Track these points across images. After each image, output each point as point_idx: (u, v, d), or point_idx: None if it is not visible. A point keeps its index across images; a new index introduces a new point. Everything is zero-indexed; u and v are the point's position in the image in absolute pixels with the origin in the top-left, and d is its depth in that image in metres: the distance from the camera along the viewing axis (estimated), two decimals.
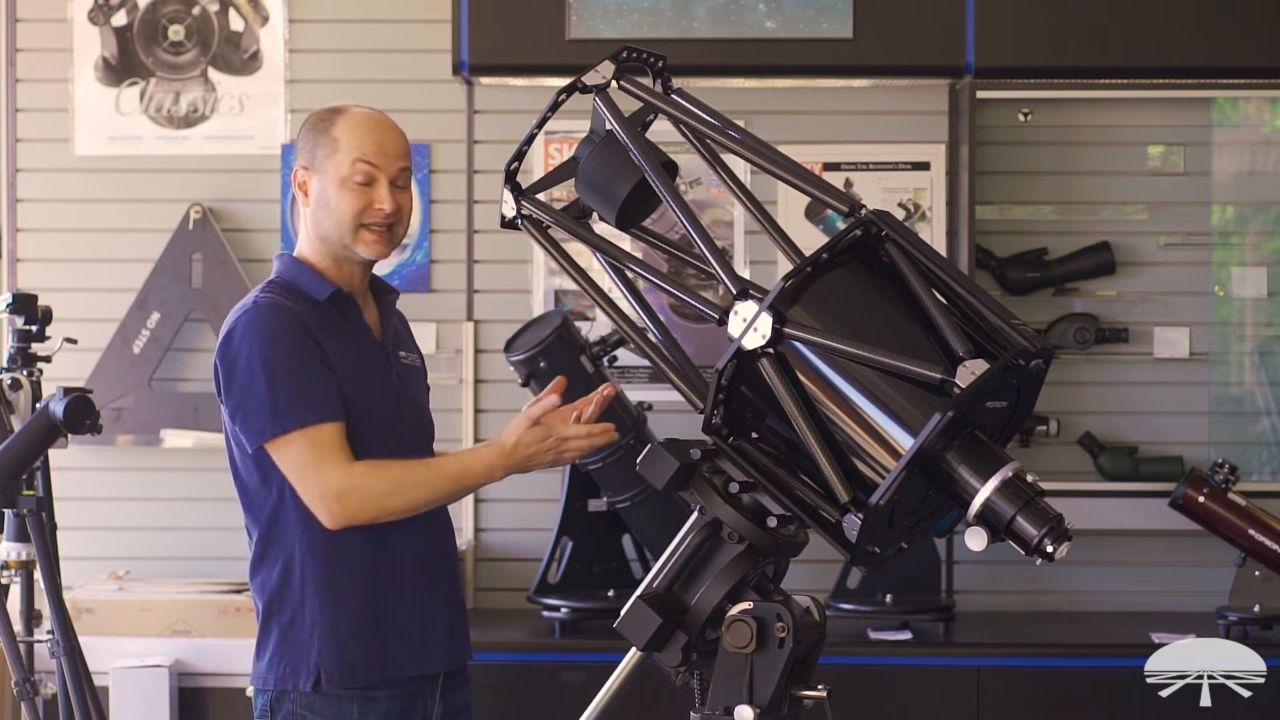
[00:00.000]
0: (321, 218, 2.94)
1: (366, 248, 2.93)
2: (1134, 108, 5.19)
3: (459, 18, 4.87)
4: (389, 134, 2.95)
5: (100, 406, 4.04)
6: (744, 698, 2.32)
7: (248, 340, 2.84)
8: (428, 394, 3.16)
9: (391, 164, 2.93)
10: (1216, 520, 4.71)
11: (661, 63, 2.64)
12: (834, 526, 2.26)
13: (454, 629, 3.05)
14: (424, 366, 3.15)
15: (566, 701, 4.21)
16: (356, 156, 2.90)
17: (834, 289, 2.29)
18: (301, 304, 2.91)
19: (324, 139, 2.93)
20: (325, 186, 2.92)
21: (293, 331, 2.84)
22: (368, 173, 2.90)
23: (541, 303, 5.16)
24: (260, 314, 2.85)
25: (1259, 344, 5.22)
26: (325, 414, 2.83)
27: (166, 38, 5.25)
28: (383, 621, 2.94)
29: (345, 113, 2.96)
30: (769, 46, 4.90)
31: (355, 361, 2.92)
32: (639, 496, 4.62)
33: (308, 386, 2.83)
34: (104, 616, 4.73)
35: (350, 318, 2.96)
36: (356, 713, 2.92)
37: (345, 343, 2.93)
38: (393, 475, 2.85)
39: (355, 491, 2.83)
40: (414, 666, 2.96)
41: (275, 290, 2.93)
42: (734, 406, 2.33)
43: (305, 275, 2.95)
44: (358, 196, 2.91)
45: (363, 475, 2.84)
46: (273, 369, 2.83)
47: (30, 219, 5.25)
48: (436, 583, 3.01)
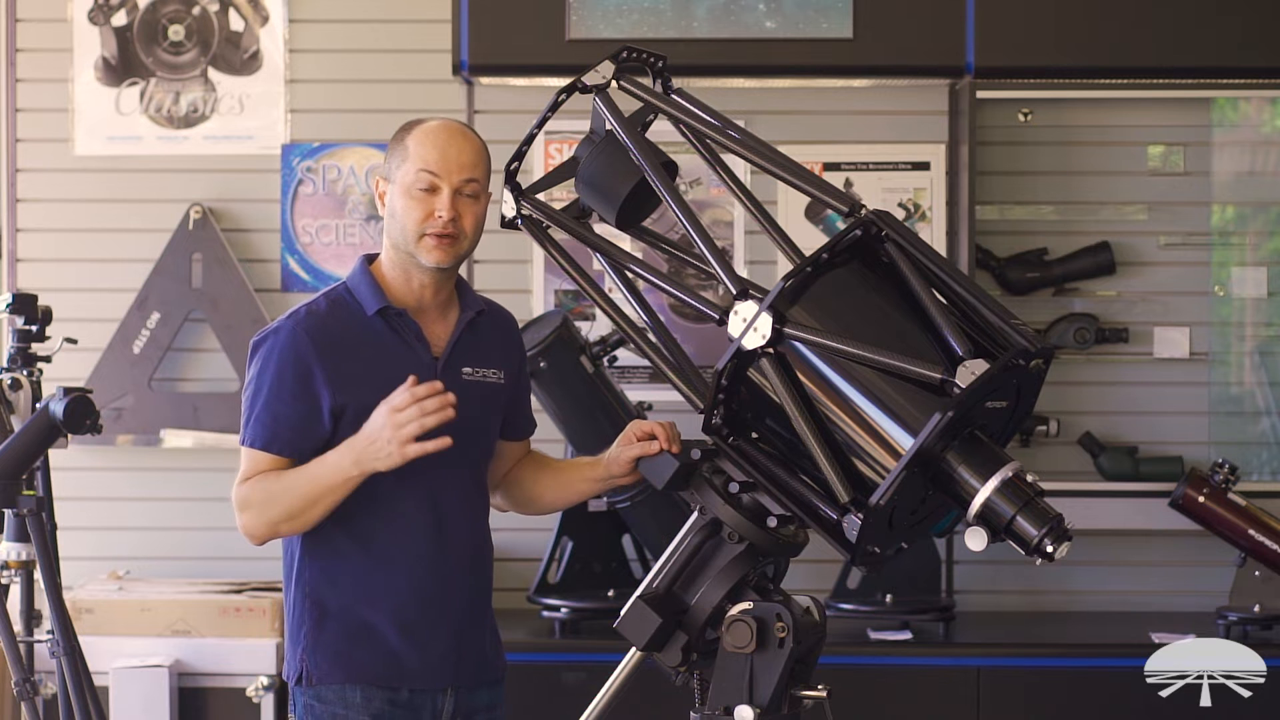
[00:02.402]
0: (391, 226, 2.99)
1: (428, 254, 2.95)
2: (1134, 108, 5.19)
3: (459, 18, 4.86)
4: (454, 143, 2.96)
5: (100, 406, 4.04)
6: (744, 698, 2.32)
7: (266, 346, 2.97)
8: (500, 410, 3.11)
9: (454, 173, 2.93)
10: (1216, 520, 4.71)
11: (661, 63, 2.64)
12: (834, 526, 2.27)
13: (461, 648, 3.03)
14: (506, 382, 3.10)
15: (566, 701, 4.21)
16: (420, 166, 2.93)
17: (834, 289, 2.29)
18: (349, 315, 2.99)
19: (399, 149, 2.98)
20: (394, 195, 2.97)
21: (295, 360, 2.94)
22: (431, 181, 2.93)
23: (541, 303, 5.16)
24: (280, 338, 2.96)
25: (1259, 344, 5.22)
26: (270, 444, 2.94)
27: (166, 38, 5.25)
28: (369, 634, 2.97)
29: (421, 124, 3.00)
30: (769, 46, 4.90)
31: (388, 377, 2.92)
32: (639, 496, 4.62)
33: (274, 416, 2.94)
34: (104, 616, 4.73)
35: (400, 332, 2.98)
36: (360, 698, 2.96)
37: (381, 358, 2.96)
38: (268, 486, 2.92)
39: (245, 506, 2.94)
40: (401, 680, 2.98)
41: (330, 298, 3.02)
42: (734, 406, 2.33)
43: (364, 286, 3.01)
44: (420, 204, 2.94)
45: (249, 489, 2.94)
46: (260, 385, 2.96)
47: (30, 219, 5.25)
48: (436, 604, 3.00)
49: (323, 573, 2.98)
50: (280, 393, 2.93)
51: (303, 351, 2.93)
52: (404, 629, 2.97)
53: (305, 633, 2.98)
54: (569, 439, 4.71)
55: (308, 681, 2.98)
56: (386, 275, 3.01)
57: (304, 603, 2.99)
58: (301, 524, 2.93)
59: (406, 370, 2.93)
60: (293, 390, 2.93)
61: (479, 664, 3.08)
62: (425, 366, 2.98)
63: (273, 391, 2.94)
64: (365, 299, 2.99)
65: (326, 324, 2.96)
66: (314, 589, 2.98)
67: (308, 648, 2.98)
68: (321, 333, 2.95)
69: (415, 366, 2.96)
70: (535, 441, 3.27)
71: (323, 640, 2.98)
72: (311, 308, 3.00)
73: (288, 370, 2.93)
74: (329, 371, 2.93)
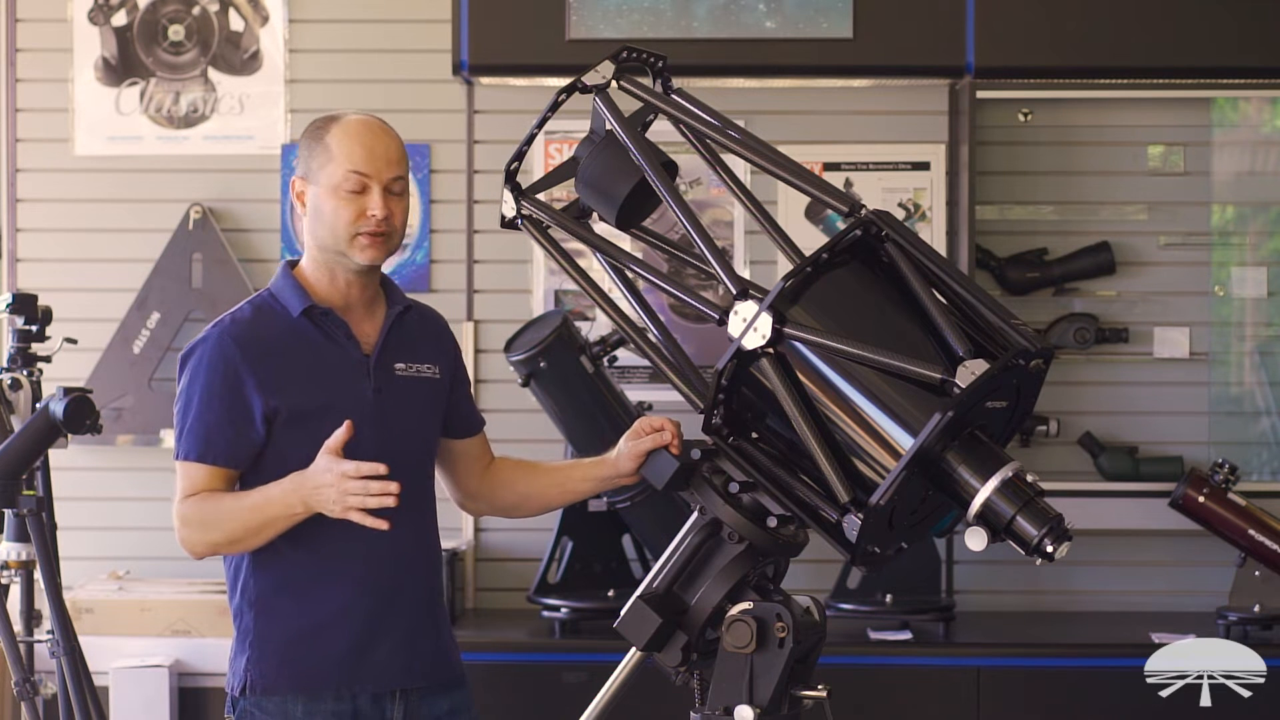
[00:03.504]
0: (317, 227, 2.97)
1: (362, 253, 2.94)
2: (1134, 108, 5.19)
3: (459, 18, 4.87)
4: (380, 141, 2.95)
5: (100, 406, 4.04)
6: (744, 698, 2.32)
7: (188, 368, 2.96)
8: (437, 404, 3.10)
9: (383, 171, 2.93)
10: (1216, 520, 4.71)
11: (661, 63, 2.64)
12: (834, 526, 2.27)
13: (411, 648, 3.00)
14: (442, 377, 3.10)
15: (566, 701, 4.21)
16: (348, 167, 2.92)
17: (834, 289, 2.29)
18: (274, 320, 2.97)
19: (318, 148, 2.96)
20: (320, 196, 2.94)
21: (223, 370, 2.92)
22: (360, 181, 2.92)
23: (541, 303, 5.16)
24: (207, 347, 2.94)
25: (1259, 344, 5.22)
26: (203, 455, 2.93)
27: (166, 38, 5.25)
28: (314, 637, 2.94)
29: (338, 121, 2.97)
30: (769, 46, 4.90)
31: (318, 377, 2.94)
32: (639, 496, 4.62)
33: (206, 427, 2.92)
34: (104, 616, 4.73)
35: (328, 331, 2.97)
36: (301, 712, 2.93)
37: (309, 358, 2.95)
38: (206, 509, 2.92)
39: (184, 524, 2.93)
40: (348, 684, 2.95)
41: (255, 305, 3.00)
42: (734, 406, 2.33)
43: (289, 289, 2.99)
44: (350, 204, 2.92)
45: (189, 508, 2.93)
46: (189, 402, 2.94)
47: (30, 219, 5.25)
48: (387, 601, 2.97)
49: (269, 579, 2.95)
50: (210, 403, 2.91)
51: (231, 359, 2.91)
52: (354, 631, 2.94)
53: (251, 641, 2.95)
54: (568, 439, 4.71)
55: (251, 691, 2.94)
56: (310, 276, 3.00)
57: (249, 611, 2.96)
58: (244, 548, 2.93)
59: (338, 369, 2.94)
60: (222, 399, 2.91)
61: (434, 664, 3.04)
62: (356, 363, 2.97)
63: (203, 402, 2.92)
64: (289, 301, 2.97)
65: (253, 330, 2.94)
66: (260, 596, 2.95)
67: (253, 657, 2.94)
68: (249, 339, 2.93)
69: (346, 364, 2.96)
70: (536, 442, 3.27)
71: (269, 649, 2.94)
72: (236, 315, 2.98)
73: (217, 379, 2.91)
74: (259, 377, 2.91)
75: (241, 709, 2.97)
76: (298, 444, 2.89)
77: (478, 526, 5.18)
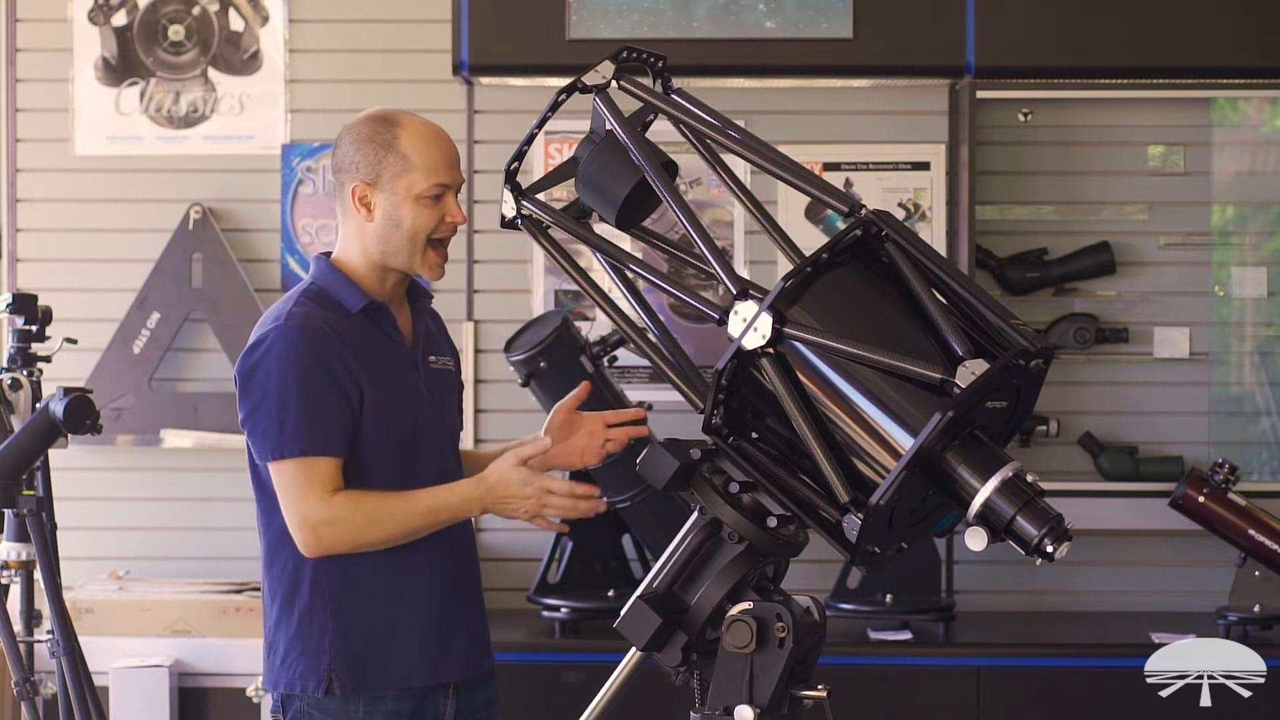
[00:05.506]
0: (390, 234, 2.95)
1: (430, 270, 2.97)
2: (1134, 108, 5.19)
3: (459, 18, 4.86)
4: (450, 147, 3.01)
5: (100, 406, 4.04)
6: (744, 698, 2.32)
7: (271, 356, 2.87)
8: (458, 396, 3.17)
9: (458, 178, 2.98)
10: (1216, 520, 4.71)
11: (661, 63, 2.64)
12: (834, 526, 2.26)
13: (476, 638, 3.05)
14: (456, 369, 3.16)
15: (566, 701, 4.21)
16: (434, 180, 2.94)
17: (834, 289, 2.29)
18: (335, 314, 2.94)
19: (390, 156, 2.93)
20: (396, 204, 2.94)
21: (314, 356, 2.87)
22: (443, 190, 2.95)
23: (541, 303, 5.16)
24: (289, 332, 2.87)
25: (1259, 344, 5.22)
26: (322, 447, 2.86)
27: (166, 38, 5.25)
28: (399, 632, 2.94)
29: (403, 126, 2.96)
30: (769, 46, 4.89)
31: (384, 371, 2.95)
32: (639, 496, 4.62)
33: (313, 417, 2.85)
34: (104, 616, 4.73)
35: (382, 326, 2.98)
36: (362, 713, 2.93)
37: (375, 353, 2.95)
38: (368, 509, 2.86)
39: (332, 524, 2.85)
40: (430, 676, 2.97)
41: (310, 299, 2.95)
42: (734, 406, 2.33)
43: (341, 285, 2.97)
44: (431, 212, 2.95)
45: (340, 508, 2.85)
46: (286, 392, 2.85)
47: (30, 219, 5.25)
48: (460, 593, 3.01)
49: (348, 576, 2.92)
50: (314, 394, 2.85)
51: (319, 349, 2.87)
52: (435, 623, 2.96)
53: (330, 640, 2.91)
54: None
55: (340, 690, 2.91)
56: (359, 272, 2.99)
57: (324, 610, 2.92)
58: (386, 547, 2.90)
59: (396, 363, 2.97)
60: (325, 389, 2.86)
61: (489, 653, 3.10)
62: (407, 358, 3.00)
63: (306, 394, 2.85)
64: (347, 297, 2.96)
65: (317, 324, 2.91)
66: (334, 595, 2.92)
67: (336, 656, 2.91)
68: (324, 332, 2.91)
69: (400, 358, 2.99)
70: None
71: (351, 648, 2.92)
72: (295, 310, 2.93)
73: (313, 369, 2.86)
74: (346, 366, 2.90)
75: (296, 710, 2.93)
76: (375, 435, 2.90)
77: (477, 526, 5.17)
